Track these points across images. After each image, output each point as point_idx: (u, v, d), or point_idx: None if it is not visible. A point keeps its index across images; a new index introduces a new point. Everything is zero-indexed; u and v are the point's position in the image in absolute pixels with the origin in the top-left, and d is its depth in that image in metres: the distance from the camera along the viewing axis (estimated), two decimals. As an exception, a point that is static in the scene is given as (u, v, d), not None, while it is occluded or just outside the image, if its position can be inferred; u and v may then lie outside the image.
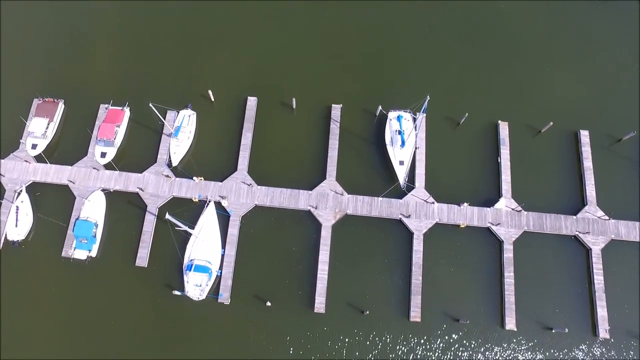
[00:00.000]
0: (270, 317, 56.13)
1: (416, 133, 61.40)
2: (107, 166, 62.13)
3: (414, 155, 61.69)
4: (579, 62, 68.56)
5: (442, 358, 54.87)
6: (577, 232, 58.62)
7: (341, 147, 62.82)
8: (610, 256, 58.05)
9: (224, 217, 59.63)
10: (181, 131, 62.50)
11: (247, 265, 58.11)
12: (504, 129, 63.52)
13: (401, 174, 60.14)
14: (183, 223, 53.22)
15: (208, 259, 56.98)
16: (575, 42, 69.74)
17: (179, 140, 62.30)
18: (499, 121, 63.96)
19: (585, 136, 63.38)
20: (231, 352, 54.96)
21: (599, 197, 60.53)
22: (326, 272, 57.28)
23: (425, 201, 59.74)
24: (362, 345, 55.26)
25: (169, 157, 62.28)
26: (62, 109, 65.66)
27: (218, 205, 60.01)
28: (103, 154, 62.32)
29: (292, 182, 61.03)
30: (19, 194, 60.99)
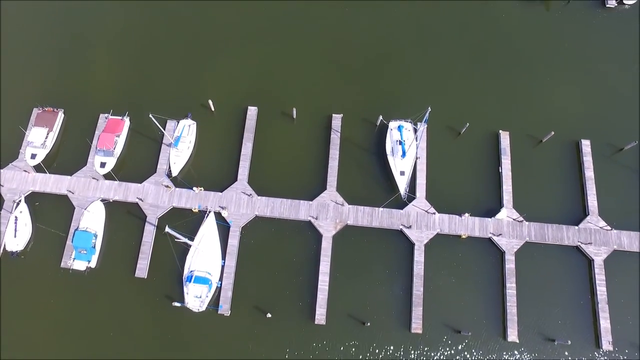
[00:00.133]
0: (271, 329, 55.73)
1: (417, 144, 61.13)
2: (107, 176, 61.84)
3: (415, 165, 61.44)
4: (579, 71, 68.47)
5: (443, 370, 54.59)
6: (579, 243, 58.31)
7: (342, 157, 62.60)
8: (613, 267, 57.71)
9: (224, 227, 59.32)
10: (181, 141, 62.27)
11: (247, 277, 57.76)
12: (505, 139, 63.32)
13: (402, 185, 59.90)
14: (183, 235, 52.93)
15: (208, 270, 56.62)
16: (575, 52, 69.66)
17: (179, 150, 62.07)
18: (500, 131, 63.78)
19: (586, 146, 63.19)
20: (231, 364, 54.64)
21: (601, 207, 60.26)
22: (327, 283, 56.92)
23: (426, 212, 59.45)
24: (363, 357, 54.83)
25: (169, 167, 62.05)
26: (62, 119, 65.46)
27: (218, 215, 59.72)
28: (103, 164, 62.08)
29: (292, 193, 60.77)
30: (17, 204, 60.67)
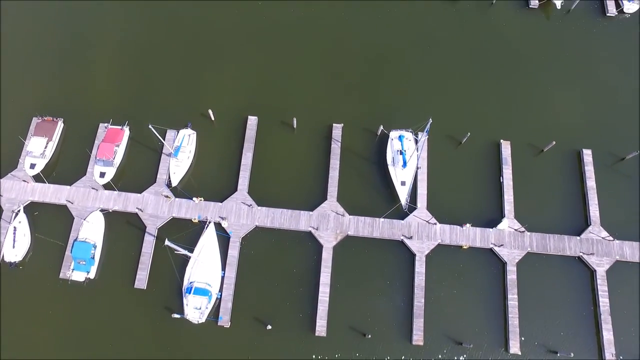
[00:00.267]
0: (271, 341, 55.29)
1: (418, 154, 60.85)
2: (106, 186, 61.56)
3: (416, 175, 61.16)
4: (580, 80, 68.22)
5: (445, 383, 54.12)
6: (581, 253, 57.95)
7: (342, 167, 62.28)
8: (616, 278, 57.26)
9: (224, 238, 58.98)
10: (181, 151, 62.00)
11: (247, 288, 57.36)
12: (506, 148, 63.03)
13: (403, 195, 59.60)
14: (183, 248, 52.63)
15: (208, 281, 56.23)
16: (576, 61, 69.46)
17: (179, 160, 61.80)
18: (501, 140, 63.49)
19: (588, 155, 62.88)
20: (231, 377, 54.19)
21: (603, 217, 59.86)
22: (327, 294, 56.53)
23: (427, 222, 59.14)
24: (364, 370, 54.50)
25: (169, 177, 61.76)
26: (62, 128, 65.24)
27: (218, 226, 59.38)
28: (102, 174, 61.79)
29: (292, 203, 60.43)
30: (16, 214, 60.39)
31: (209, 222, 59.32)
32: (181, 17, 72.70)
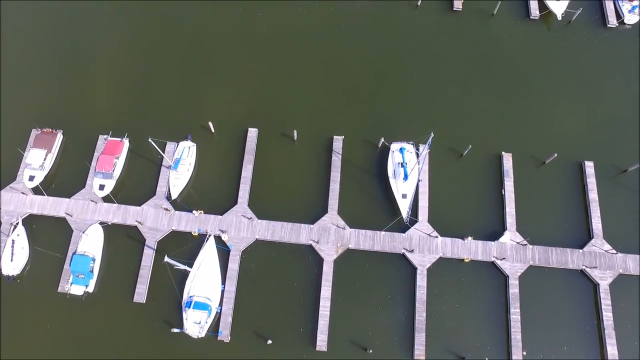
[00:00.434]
0: (271, 356, 54.76)
1: (420, 167, 60.50)
2: (106, 199, 61.17)
3: (417, 188, 60.77)
4: (582, 92, 68.06)
5: (447, 398, 53.56)
6: (583, 267, 57.53)
7: (343, 179, 61.95)
8: (619, 291, 56.85)
9: (224, 251, 58.54)
10: (181, 163, 61.66)
11: (247, 302, 56.86)
12: (507, 161, 62.75)
13: (404, 208, 59.25)
14: (182, 263, 52.20)
15: (208, 295, 55.72)
16: (577, 72, 69.32)
17: (179, 172, 61.42)
18: (503, 152, 63.23)
19: (590, 167, 62.62)
20: (231, 393, 53.65)
21: (606, 230, 59.56)
22: (328, 308, 56.03)
23: (429, 235, 58.73)
24: (366, 385, 54.00)
25: (169, 189, 61.40)
26: (61, 140, 64.90)
27: (218, 239, 58.96)
28: (101, 187, 61.40)
29: (293, 216, 60.07)
30: (15, 226, 59.97)
31: (209, 235, 58.89)
32: (181, 29, 72.59)
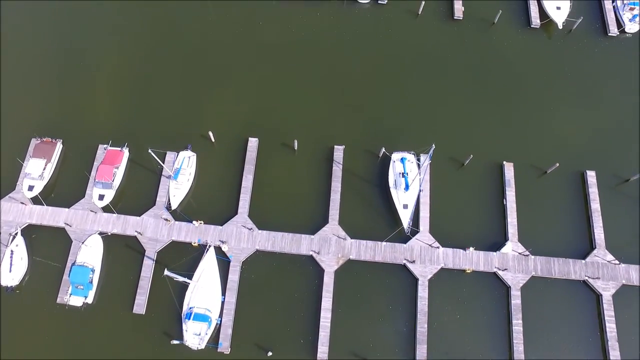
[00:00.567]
0: (272, 368, 54.49)
1: (421, 177, 60.21)
2: (105, 209, 60.85)
3: (418, 198, 60.46)
4: (583, 100, 67.94)
5: (449, 411, 53.11)
6: (586, 277, 57.15)
7: (344, 190, 61.68)
8: (622, 302, 56.50)
9: (224, 262, 58.17)
10: (181, 173, 61.39)
11: (247, 313, 56.45)
12: (509, 170, 62.50)
13: (405, 218, 58.92)
14: (182, 275, 51.86)
15: (207, 306, 55.29)
16: (578, 81, 69.23)
17: (179, 182, 61.16)
18: (504, 162, 63.00)
19: (591, 177, 62.37)
20: (231, 405, 53.18)
21: (608, 240, 59.23)
22: (329, 319, 55.63)
23: (430, 246, 58.40)
24: (367, 398, 53.54)
25: (168, 199, 61.10)
26: (60, 149, 64.62)
27: (218, 250, 58.60)
28: (101, 197, 61.12)
29: (293, 226, 59.73)
30: (14, 237, 59.65)
31: (209, 246, 58.56)
32: (182, 39, 72.48)
